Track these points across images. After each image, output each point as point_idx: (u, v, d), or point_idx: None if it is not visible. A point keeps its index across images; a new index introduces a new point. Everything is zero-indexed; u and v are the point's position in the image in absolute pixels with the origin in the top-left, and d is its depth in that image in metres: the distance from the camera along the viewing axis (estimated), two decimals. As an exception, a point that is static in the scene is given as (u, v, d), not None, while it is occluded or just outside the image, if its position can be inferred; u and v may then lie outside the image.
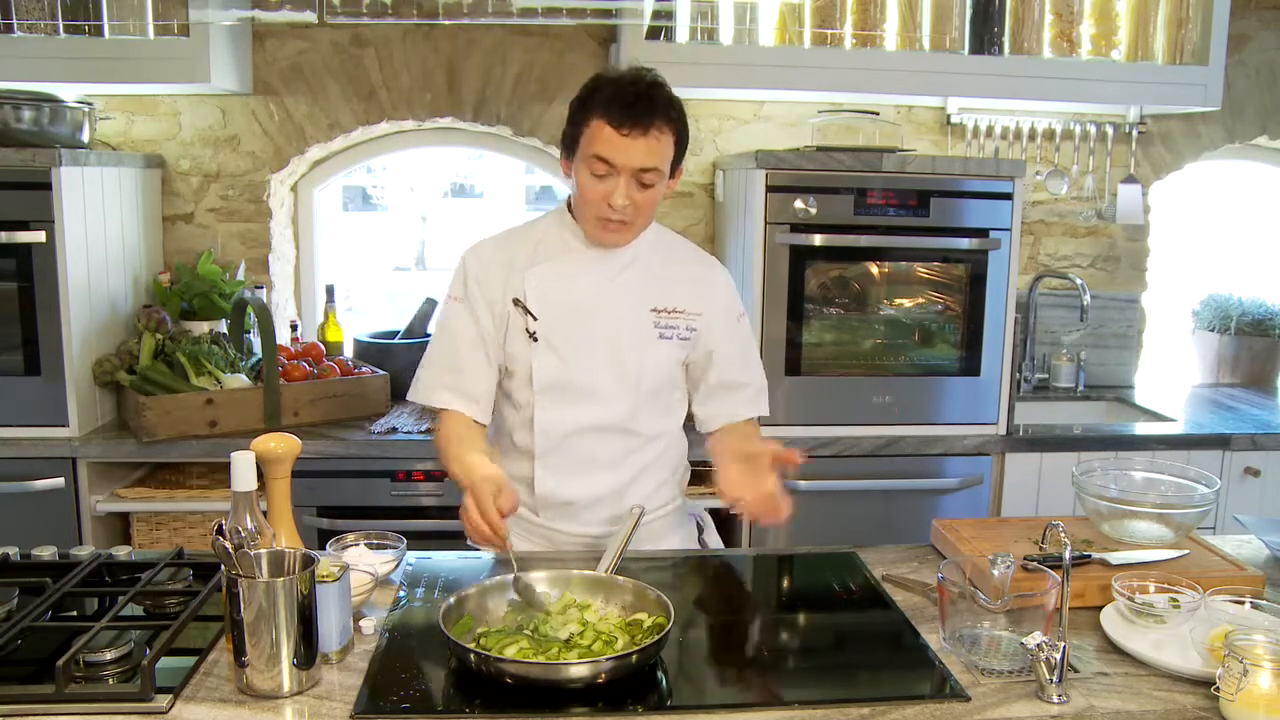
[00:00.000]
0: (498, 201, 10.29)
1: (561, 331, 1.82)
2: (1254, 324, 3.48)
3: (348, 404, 2.84)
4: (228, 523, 1.37)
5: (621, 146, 1.69)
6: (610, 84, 1.72)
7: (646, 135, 1.68)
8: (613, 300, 1.84)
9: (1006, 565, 1.50)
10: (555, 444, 1.85)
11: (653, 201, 1.76)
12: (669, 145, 1.73)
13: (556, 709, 1.29)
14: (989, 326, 2.81)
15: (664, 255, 1.91)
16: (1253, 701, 1.25)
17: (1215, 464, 2.86)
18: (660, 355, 1.86)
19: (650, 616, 1.47)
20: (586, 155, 1.72)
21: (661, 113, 1.70)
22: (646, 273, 1.87)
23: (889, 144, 3.06)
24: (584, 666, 1.33)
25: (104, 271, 2.76)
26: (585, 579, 1.56)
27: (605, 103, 1.69)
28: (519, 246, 1.87)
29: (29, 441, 2.59)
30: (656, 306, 1.86)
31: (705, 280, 1.92)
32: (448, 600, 1.45)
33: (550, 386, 1.83)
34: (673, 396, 1.93)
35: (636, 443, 1.87)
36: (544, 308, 1.82)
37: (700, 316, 1.88)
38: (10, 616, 1.46)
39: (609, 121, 1.68)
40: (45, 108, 2.69)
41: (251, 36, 3.08)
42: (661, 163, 1.72)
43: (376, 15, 2.68)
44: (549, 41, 3.16)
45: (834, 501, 2.79)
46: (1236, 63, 3.33)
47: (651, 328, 1.85)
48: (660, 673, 1.40)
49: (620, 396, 1.84)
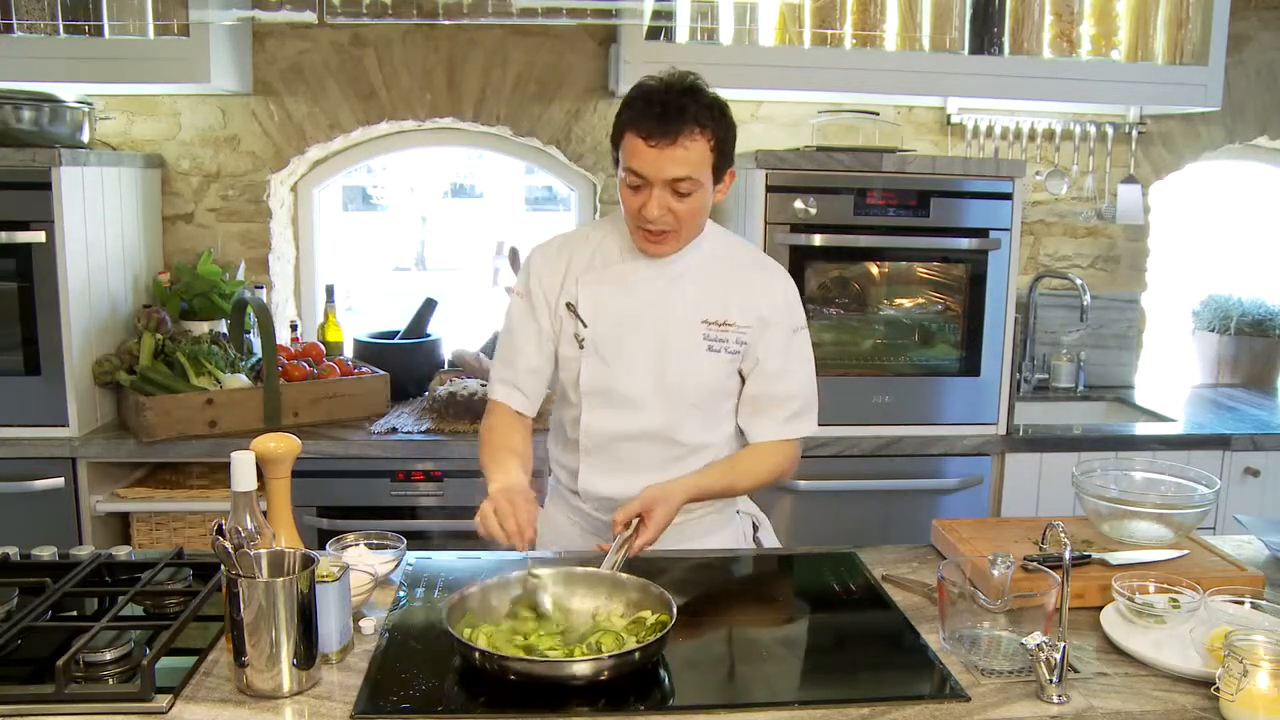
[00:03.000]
0: (498, 202, 10.30)
1: (609, 340, 1.82)
2: (1254, 324, 3.48)
3: (348, 404, 2.84)
4: (228, 523, 1.37)
5: (650, 158, 1.67)
6: (641, 96, 1.70)
7: (675, 144, 1.66)
8: (662, 311, 1.82)
9: (1006, 565, 1.50)
10: (599, 445, 1.87)
11: (696, 210, 1.74)
12: (703, 152, 1.68)
13: (559, 708, 1.29)
14: (989, 326, 2.81)
15: (721, 264, 1.86)
16: (1252, 702, 1.25)
17: (1215, 464, 2.85)
18: (707, 367, 1.83)
19: (653, 614, 1.47)
20: (624, 168, 1.72)
21: (691, 120, 1.66)
22: (700, 283, 1.84)
23: (889, 144, 3.07)
24: (587, 664, 1.34)
25: (104, 271, 2.76)
26: (589, 576, 1.57)
27: (634, 115, 1.68)
28: (579, 250, 1.88)
29: (29, 441, 2.59)
30: (708, 318, 1.83)
31: (762, 290, 1.86)
32: (452, 597, 1.45)
33: (595, 392, 1.84)
34: (722, 408, 1.90)
35: (679, 452, 1.87)
36: (594, 315, 1.83)
37: (751, 329, 1.84)
38: (10, 616, 1.46)
39: (637, 133, 1.67)
40: (45, 108, 2.69)
41: (251, 36, 3.08)
42: (695, 171, 1.68)
43: (376, 15, 2.68)
44: (549, 41, 3.16)
45: (834, 501, 2.79)
46: (1236, 63, 3.33)
47: (700, 339, 1.83)
48: (663, 670, 1.40)
49: (662, 407, 1.83)
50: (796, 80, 2.88)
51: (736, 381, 1.89)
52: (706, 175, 1.71)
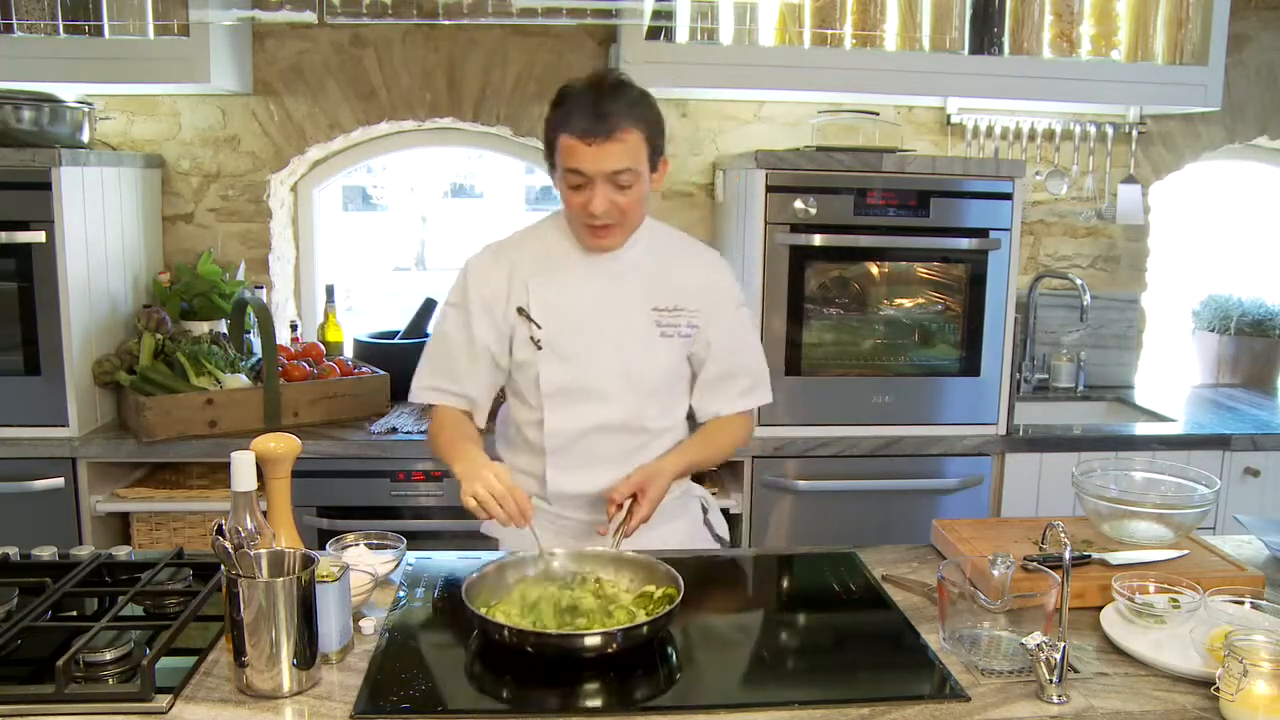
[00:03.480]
0: (498, 201, 10.30)
1: (566, 338, 1.86)
2: (1254, 324, 3.48)
3: (348, 404, 2.84)
4: (228, 523, 1.37)
5: (589, 156, 1.71)
6: (570, 98, 1.74)
7: (610, 140, 1.70)
8: (614, 304, 1.87)
9: (1006, 565, 1.50)
10: (565, 444, 1.90)
11: (636, 201, 1.79)
12: (638, 144, 1.74)
13: (561, 709, 1.30)
14: (989, 327, 2.81)
15: (662, 254, 1.93)
16: (1252, 702, 1.25)
17: (1215, 464, 2.85)
18: (663, 354, 1.89)
19: (659, 588, 1.55)
20: (562, 170, 1.77)
21: (624, 115, 1.71)
22: (646, 273, 1.90)
23: (889, 144, 3.06)
24: (597, 636, 1.39)
25: (104, 271, 2.76)
26: (596, 555, 1.65)
27: (565, 117, 1.73)
28: (520, 254, 1.90)
29: (29, 441, 2.59)
30: (658, 306, 1.89)
31: (704, 274, 1.95)
32: (470, 576, 1.53)
33: (558, 392, 1.87)
34: (676, 391, 1.97)
35: (645, 438, 1.92)
36: (547, 316, 1.86)
37: (700, 313, 1.91)
38: (10, 616, 1.46)
39: (573, 134, 1.71)
40: (45, 108, 2.69)
41: (251, 36, 3.08)
42: (633, 163, 1.74)
43: (376, 15, 2.67)
44: (549, 41, 3.16)
45: (834, 501, 2.79)
46: (1236, 63, 3.33)
47: (654, 327, 1.88)
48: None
49: (626, 397, 1.88)
50: (796, 80, 2.88)
51: (687, 366, 1.96)
52: (643, 166, 1.77)
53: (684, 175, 3.29)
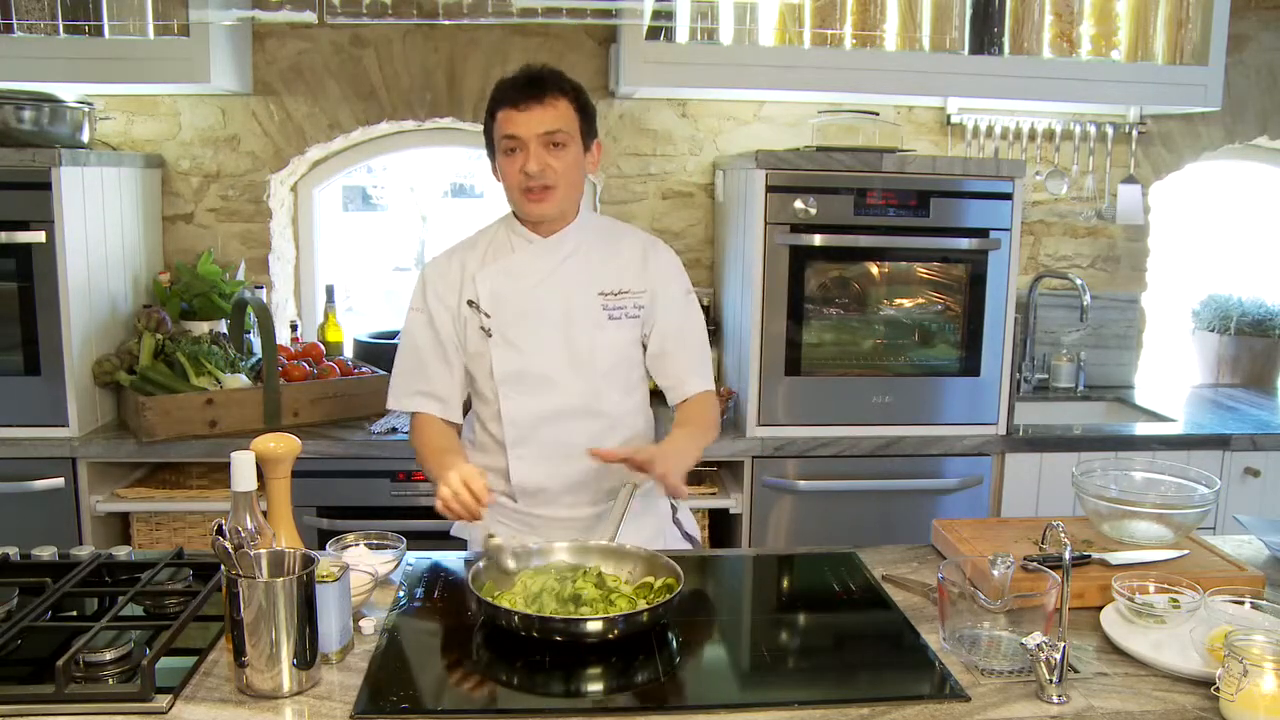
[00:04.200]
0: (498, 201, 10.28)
1: (514, 324, 1.91)
2: (1254, 324, 3.48)
3: (347, 404, 2.84)
4: (228, 523, 1.37)
5: (521, 120, 1.82)
6: (504, 80, 1.87)
7: (543, 104, 1.81)
8: (560, 289, 1.92)
9: (1006, 565, 1.50)
10: (525, 433, 1.93)
11: (571, 166, 1.85)
12: (568, 111, 1.84)
13: (561, 709, 1.30)
14: (989, 327, 2.81)
15: (607, 240, 1.99)
16: (1253, 702, 1.25)
17: (1215, 464, 2.85)
18: (612, 335, 1.94)
19: (660, 579, 1.57)
20: (499, 142, 1.86)
21: (553, 85, 1.84)
22: (590, 259, 1.95)
23: (889, 144, 3.06)
24: (599, 622, 1.42)
25: (104, 271, 2.76)
26: (597, 548, 1.67)
27: (501, 93, 1.86)
28: (470, 253, 1.98)
29: (29, 441, 2.59)
30: (604, 290, 1.94)
31: (650, 259, 2.00)
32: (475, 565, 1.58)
33: (509, 377, 1.91)
34: (632, 375, 2.00)
35: (606, 423, 1.94)
36: (495, 304, 1.92)
37: (646, 294, 1.96)
38: (10, 616, 1.46)
39: (507, 104, 1.83)
40: (45, 108, 2.69)
41: (251, 36, 3.08)
42: (565, 125, 1.83)
43: (376, 15, 2.67)
44: (549, 41, 3.16)
45: (834, 501, 2.79)
46: (1236, 63, 3.33)
47: (600, 310, 1.93)
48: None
49: (578, 380, 1.91)
50: (796, 80, 2.88)
51: (640, 350, 2.00)
52: (575, 133, 1.86)
53: (684, 175, 3.29)
